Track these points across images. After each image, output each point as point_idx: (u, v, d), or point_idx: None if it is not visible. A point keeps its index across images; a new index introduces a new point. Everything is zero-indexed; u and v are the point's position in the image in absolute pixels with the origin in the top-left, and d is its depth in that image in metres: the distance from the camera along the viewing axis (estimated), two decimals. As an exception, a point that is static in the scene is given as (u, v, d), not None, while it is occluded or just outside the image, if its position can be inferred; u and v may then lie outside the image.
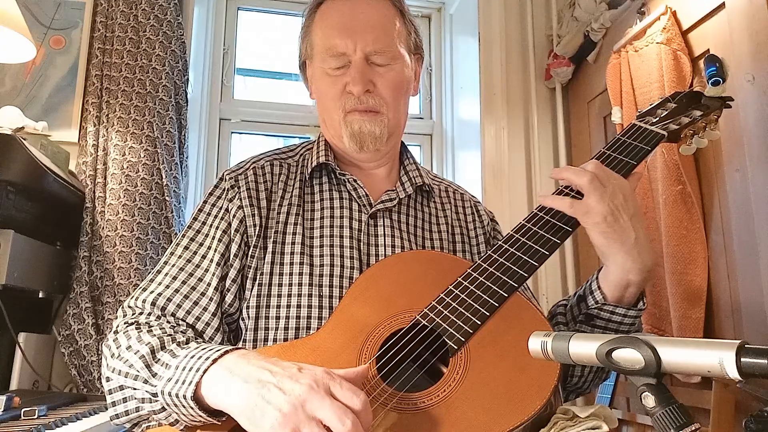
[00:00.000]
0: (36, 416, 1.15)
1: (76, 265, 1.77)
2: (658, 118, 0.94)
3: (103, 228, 1.79)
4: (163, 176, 1.88)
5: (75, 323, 1.72)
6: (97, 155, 1.86)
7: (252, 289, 0.86)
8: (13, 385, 1.53)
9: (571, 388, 0.95)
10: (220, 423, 0.69)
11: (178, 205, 1.92)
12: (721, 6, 1.52)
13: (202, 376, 0.67)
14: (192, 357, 0.70)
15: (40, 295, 1.66)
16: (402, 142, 1.06)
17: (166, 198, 1.87)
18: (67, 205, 1.75)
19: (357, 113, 0.92)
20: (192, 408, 0.67)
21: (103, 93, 1.92)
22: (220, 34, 2.41)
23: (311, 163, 0.97)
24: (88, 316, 1.72)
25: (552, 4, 2.34)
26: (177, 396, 0.68)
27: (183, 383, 0.67)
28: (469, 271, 0.81)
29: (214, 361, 0.68)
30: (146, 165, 1.87)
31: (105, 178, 1.84)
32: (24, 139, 1.48)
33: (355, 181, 0.96)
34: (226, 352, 0.69)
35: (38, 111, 1.90)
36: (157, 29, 1.98)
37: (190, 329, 0.82)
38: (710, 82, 0.99)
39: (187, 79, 2.05)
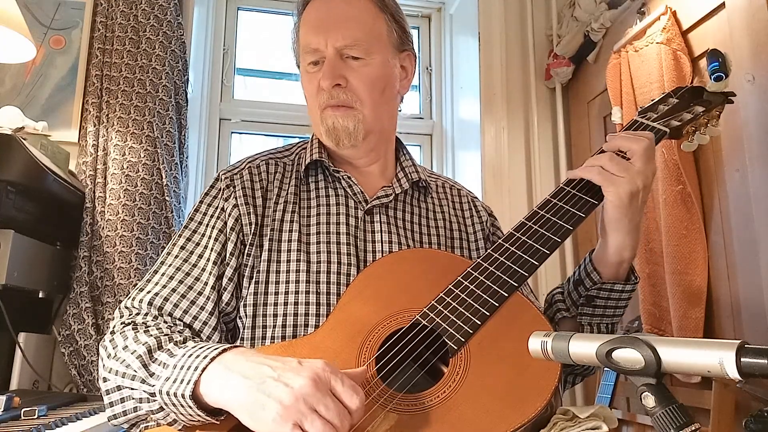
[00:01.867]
0: (36, 416, 1.14)
1: (76, 265, 1.77)
2: (659, 114, 0.94)
3: (103, 228, 1.79)
4: (163, 176, 1.88)
5: (75, 323, 1.72)
6: (97, 155, 1.86)
7: (249, 287, 0.86)
8: (13, 385, 1.53)
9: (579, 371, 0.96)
10: (218, 422, 0.69)
11: (178, 205, 1.92)
12: (721, 6, 1.52)
13: (200, 374, 0.66)
14: (190, 356, 0.70)
15: (40, 295, 1.66)
16: (398, 139, 1.06)
17: (166, 198, 1.87)
18: (67, 205, 1.75)
19: (330, 109, 0.92)
20: (190, 407, 0.67)
21: (103, 93, 1.92)
22: (220, 34, 2.41)
23: (305, 161, 0.97)
24: (88, 316, 1.72)
25: (552, 4, 2.34)
26: (175, 395, 0.67)
27: (181, 382, 0.67)
28: (469, 270, 0.81)
29: (213, 359, 0.67)
30: (146, 165, 1.87)
31: (105, 178, 1.84)
32: (24, 139, 1.48)
33: (349, 178, 0.96)
34: (225, 350, 0.69)
35: (38, 111, 1.90)
36: (157, 29, 1.98)
37: (188, 329, 0.82)
38: (712, 77, 0.98)
39: (187, 79, 2.06)
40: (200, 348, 0.71)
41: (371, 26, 0.94)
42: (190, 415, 0.68)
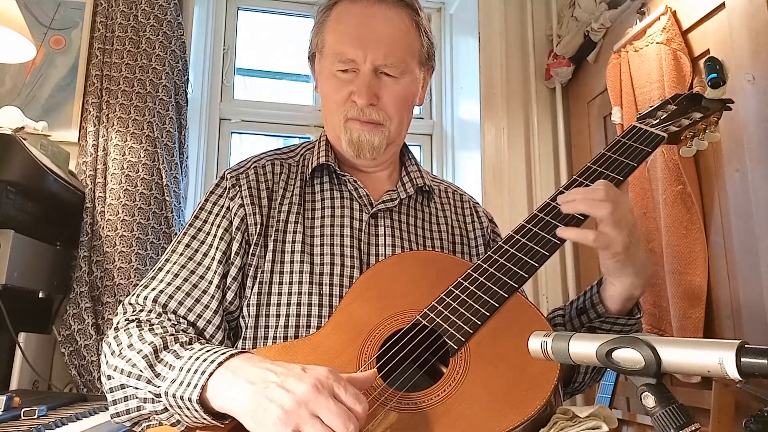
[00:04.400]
0: (36, 416, 1.14)
1: (76, 265, 1.77)
2: (658, 120, 0.95)
3: (103, 228, 1.79)
4: (163, 176, 1.88)
5: (75, 323, 1.72)
6: (97, 155, 1.86)
7: (252, 287, 0.87)
8: (13, 385, 1.53)
9: (570, 391, 0.95)
10: (222, 426, 0.69)
11: (178, 205, 1.92)
12: (721, 6, 1.52)
13: (207, 379, 0.67)
14: (197, 359, 0.70)
15: (40, 295, 1.66)
16: (404, 143, 1.06)
17: (166, 198, 1.87)
18: (67, 205, 1.75)
19: (358, 123, 0.92)
20: (196, 411, 0.67)
21: (103, 93, 1.92)
22: (220, 34, 2.41)
23: (312, 164, 0.97)
24: (88, 316, 1.72)
25: (552, 4, 2.34)
26: (182, 398, 0.67)
27: (188, 386, 0.67)
28: (469, 271, 0.81)
29: (220, 364, 0.68)
30: (146, 165, 1.87)
31: (105, 178, 1.84)
32: (24, 139, 1.48)
33: (355, 181, 0.96)
34: (232, 355, 0.69)
35: (38, 111, 1.90)
36: (157, 29, 1.98)
37: (191, 327, 0.82)
38: (710, 84, 0.98)
39: (187, 79, 2.06)
40: (206, 351, 0.71)
41: (409, 46, 0.94)
42: (195, 417, 0.68)
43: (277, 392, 0.61)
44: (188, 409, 0.68)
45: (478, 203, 1.11)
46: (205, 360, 0.69)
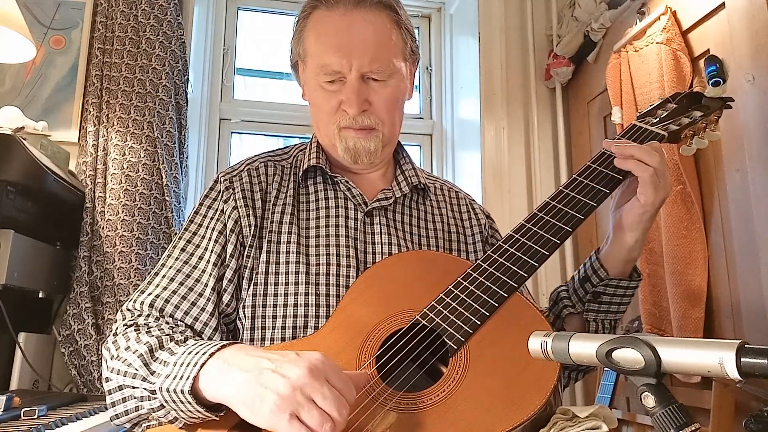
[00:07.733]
0: (36, 416, 1.14)
1: (76, 265, 1.77)
2: (658, 119, 0.95)
3: (103, 228, 1.79)
4: (163, 176, 1.88)
5: (75, 323, 1.72)
6: (97, 155, 1.86)
7: (248, 289, 0.87)
8: (13, 385, 1.53)
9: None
10: (218, 419, 0.69)
11: (178, 205, 1.92)
12: (721, 6, 1.52)
13: (199, 370, 0.67)
14: (190, 353, 0.70)
15: (40, 295, 1.66)
16: (398, 141, 1.06)
17: (166, 198, 1.87)
18: (67, 205, 1.75)
19: (352, 131, 0.92)
20: (190, 403, 0.67)
21: (103, 93, 1.92)
22: (220, 34, 2.41)
23: (303, 165, 0.97)
24: (88, 316, 1.72)
25: (552, 4, 2.34)
26: (174, 391, 0.68)
27: (180, 378, 0.67)
28: (469, 271, 0.81)
29: (212, 355, 0.68)
30: (146, 165, 1.87)
31: (105, 178, 1.84)
32: (24, 139, 1.48)
33: (347, 182, 0.96)
34: (224, 346, 0.69)
35: (38, 111, 1.90)
36: (157, 29, 1.98)
37: (189, 330, 0.82)
38: (710, 82, 0.99)
39: (187, 79, 2.06)
40: (200, 345, 0.71)
41: (392, 47, 0.93)
42: (190, 411, 0.68)
43: (272, 378, 0.61)
44: (181, 402, 0.68)
45: (474, 200, 1.11)
46: (197, 353, 0.69)
